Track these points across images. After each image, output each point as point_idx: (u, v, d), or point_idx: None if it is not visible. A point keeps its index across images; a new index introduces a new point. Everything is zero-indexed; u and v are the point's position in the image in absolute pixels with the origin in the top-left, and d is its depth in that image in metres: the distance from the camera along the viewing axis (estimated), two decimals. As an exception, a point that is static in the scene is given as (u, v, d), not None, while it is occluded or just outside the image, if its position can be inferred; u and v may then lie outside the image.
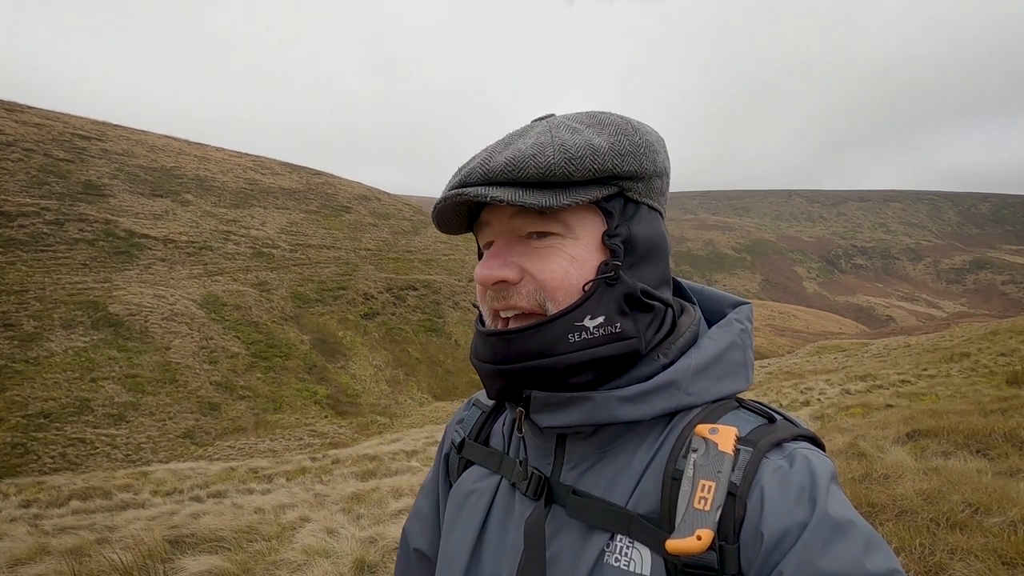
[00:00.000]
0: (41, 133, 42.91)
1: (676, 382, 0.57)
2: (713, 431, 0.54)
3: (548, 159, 0.54)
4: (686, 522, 0.49)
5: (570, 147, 0.55)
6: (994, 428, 4.33)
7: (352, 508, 5.33)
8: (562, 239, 0.57)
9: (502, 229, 0.60)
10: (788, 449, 0.54)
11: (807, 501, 0.50)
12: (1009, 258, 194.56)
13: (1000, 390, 7.41)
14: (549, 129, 0.58)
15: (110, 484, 10.10)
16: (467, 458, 0.73)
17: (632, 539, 0.54)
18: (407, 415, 30.64)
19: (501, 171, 0.55)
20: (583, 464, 0.60)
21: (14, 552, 4.02)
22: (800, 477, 0.51)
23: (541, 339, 0.55)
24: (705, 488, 0.50)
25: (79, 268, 32.28)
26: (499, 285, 0.58)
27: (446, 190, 0.59)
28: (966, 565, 2.25)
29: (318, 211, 52.23)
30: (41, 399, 23.20)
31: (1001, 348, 13.40)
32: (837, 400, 10.39)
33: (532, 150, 0.55)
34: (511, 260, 0.58)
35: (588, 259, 0.58)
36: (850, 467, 3.87)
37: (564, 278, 0.57)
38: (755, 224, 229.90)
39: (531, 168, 0.54)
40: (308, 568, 3.24)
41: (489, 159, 0.57)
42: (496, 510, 0.65)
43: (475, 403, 0.78)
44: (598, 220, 0.59)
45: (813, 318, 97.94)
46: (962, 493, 2.95)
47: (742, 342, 0.63)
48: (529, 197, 0.54)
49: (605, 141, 0.57)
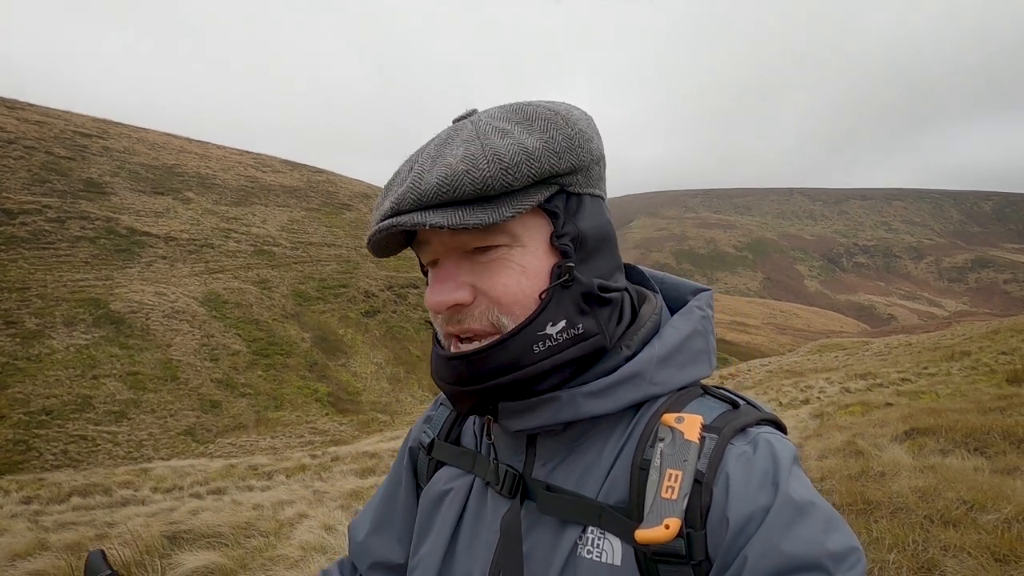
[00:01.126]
0: (42, 131, 42.97)
1: (641, 373, 0.57)
2: (679, 420, 0.54)
3: (483, 172, 0.50)
4: (654, 512, 0.50)
5: (503, 155, 0.51)
6: (992, 426, 4.33)
7: (351, 505, 5.35)
8: (509, 249, 0.55)
9: (445, 248, 0.56)
10: (752, 434, 0.55)
11: (770, 485, 0.51)
12: (1011, 257, 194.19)
13: (1000, 388, 7.40)
14: (476, 135, 0.53)
15: (111, 481, 10.14)
16: (437, 459, 0.71)
17: (603, 530, 0.54)
18: (408, 413, 30.70)
19: (435, 193, 0.51)
20: (554, 459, 0.60)
21: (14, 547, 4.04)
22: (763, 461, 0.52)
23: (506, 355, 0.54)
24: (672, 477, 0.51)
25: (81, 265, 32.34)
26: (453, 309, 0.55)
27: (378, 219, 0.55)
28: (959, 562, 2.25)
29: (319, 209, 52.27)
30: (43, 396, 23.27)
31: (1002, 347, 13.37)
32: (837, 398, 10.38)
33: (464, 164, 0.51)
34: (461, 280, 0.55)
35: (539, 265, 0.55)
36: (847, 465, 3.88)
37: (518, 291, 0.54)
38: (756, 222, 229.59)
39: (467, 185, 0.50)
40: (304, 564, 3.26)
41: (419, 180, 0.52)
42: (469, 509, 0.65)
43: (443, 403, 0.76)
44: (543, 222, 0.56)
45: (814, 316, 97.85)
46: (958, 490, 2.95)
47: (704, 328, 0.62)
48: (470, 217, 0.51)
49: (538, 140, 0.53)
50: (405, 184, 0.53)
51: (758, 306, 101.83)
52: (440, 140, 0.56)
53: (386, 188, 0.57)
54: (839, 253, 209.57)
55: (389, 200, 0.54)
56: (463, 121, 0.57)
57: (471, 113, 0.59)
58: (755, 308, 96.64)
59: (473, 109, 0.59)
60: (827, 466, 3.95)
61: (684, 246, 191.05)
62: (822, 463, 4.14)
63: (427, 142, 0.58)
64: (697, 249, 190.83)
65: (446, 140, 0.55)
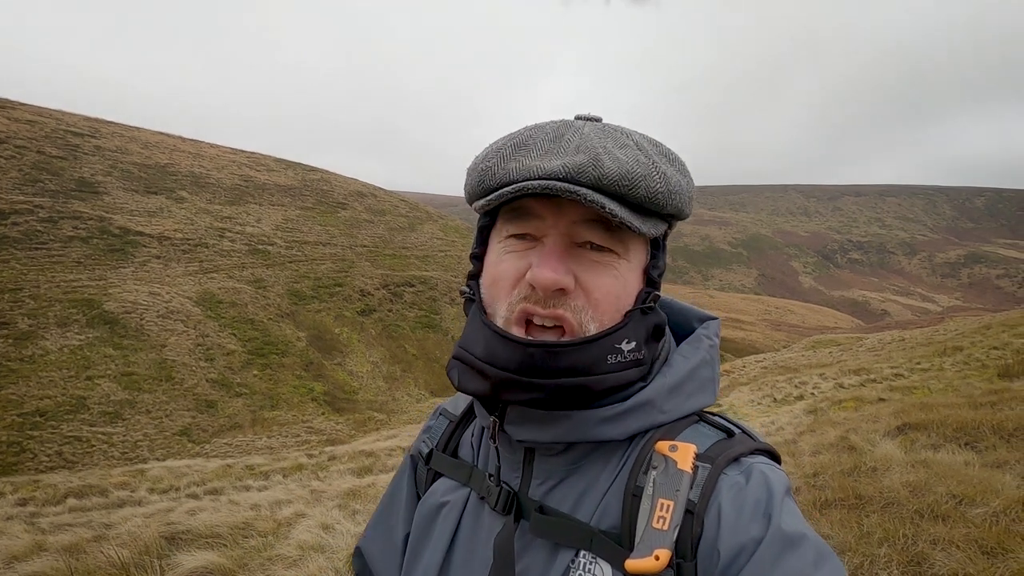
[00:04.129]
0: (34, 130, 42.60)
1: (652, 401, 0.58)
2: (672, 448, 0.54)
3: (656, 186, 0.54)
4: (644, 542, 0.50)
5: (671, 179, 0.56)
6: (983, 421, 4.38)
7: (348, 504, 5.36)
8: (618, 259, 0.57)
9: (559, 230, 0.56)
10: (745, 464, 0.55)
11: (762, 516, 0.51)
12: (1003, 252, 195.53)
13: (991, 383, 7.48)
14: (636, 146, 0.56)
15: (106, 482, 10.11)
16: (435, 469, 0.72)
17: (594, 555, 0.54)
18: (404, 411, 30.68)
19: (614, 181, 0.52)
20: (551, 480, 0.61)
21: (11, 549, 4.03)
22: (756, 492, 0.52)
23: (586, 356, 0.54)
24: (664, 507, 0.51)
25: (73, 266, 32.13)
26: (556, 292, 0.55)
27: (537, 174, 0.53)
28: (947, 555, 2.29)
29: (314, 208, 52.07)
30: (37, 397, 23.13)
31: (994, 342, 13.49)
32: (831, 394, 10.45)
33: (642, 169, 0.54)
34: (570, 267, 0.56)
35: (633, 284, 0.59)
36: (840, 460, 3.92)
37: (615, 299, 0.57)
38: (751, 219, 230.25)
39: (641, 189, 0.53)
40: (303, 563, 3.27)
41: (600, 163, 0.52)
42: (465, 524, 0.65)
43: (442, 412, 0.76)
44: (643, 248, 0.60)
45: (808, 313, 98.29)
46: (948, 485, 3.00)
47: (711, 358, 0.64)
48: (634, 218, 0.54)
49: (685, 181, 0.58)
50: (580, 157, 0.53)
51: (753, 302, 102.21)
52: (594, 131, 0.56)
53: (517, 146, 0.57)
54: (833, 249, 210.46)
55: (558, 161, 0.53)
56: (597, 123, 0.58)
57: (597, 119, 0.60)
58: (750, 304, 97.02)
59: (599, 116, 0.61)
60: (820, 462, 3.99)
61: (679, 243, 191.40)
62: (816, 459, 4.19)
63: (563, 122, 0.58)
64: (692, 246, 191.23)
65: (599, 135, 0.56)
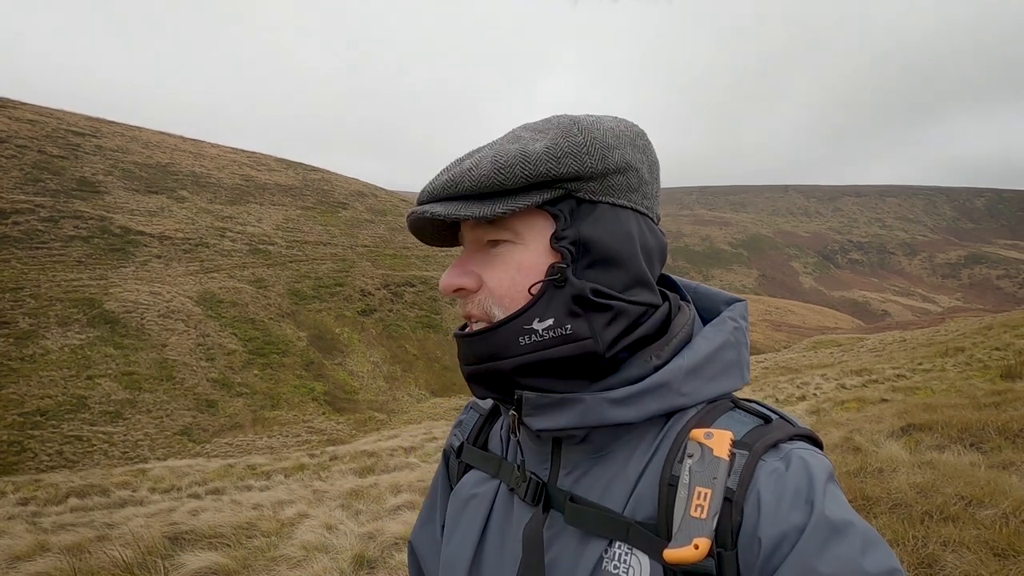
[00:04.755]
0: (35, 129, 42.64)
1: (668, 383, 0.57)
2: (708, 435, 0.53)
3: (481, 172, 0.55)
4: (683, 531, 0.49)
5: (502, 157, 0.56)
6: (987, 422, 4.36)
7: (351, 504, 5.35)
8: (512, 246, 0.59)
9: (468, 240, 0.63)
10: (784, 450, 0.53)
11: (804, 503, 0.49)
12: (1004, 253, 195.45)
13: (994, 384, 7.46)
14: (499, 141, 0.60)
15: (108, 482, 10.11)
16: (466, 462, 0.73)
17: (631, 545, 0.54)
18: (405, 411, 30.67)
19: (442, 188, 0.58)
20: (579, 469, 0.60)
21: (14, 549, 4.02)
22: (797, 479, 0.51)
23: (492, 343, 0.57)
24: (701, 495, 0.50)
25: (74, 265, 32.14)
26: (458, 292, 0.60)
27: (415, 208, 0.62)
28: (958, 557, 2.28)
29: (314, 207, 52.08)
30: (37, 397, 23.14)
31: (995, 342, 13.47)
32: (833, 395, 10.44)
33: (471, 164, 0.57)
34: (470, 268, 0.61)
35: (536, 264, 0.58)
36: (845, 461, 3.91)
37: (511, 285, 0.58)
38: (751, 219, 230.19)
39: (466, 182, 0.56)
40: (307, 564, 3.26)
41: (436, 178, 0.59)
42: (496, 515, 0.66)
43: (473, 406, 0.78)
44: (548, 224, 0.58)
45: (809, 313, 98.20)
46: (955, 486, 2.98)
47: (736, 340, 0.61)
48: (463, 209, 0.56)
49: (541, 146, 0.56)
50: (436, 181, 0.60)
51: (754, 303, 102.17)
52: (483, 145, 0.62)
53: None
54: (833, 250, 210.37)
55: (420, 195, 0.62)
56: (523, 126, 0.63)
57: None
58: (751, 305, 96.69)
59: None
60: (825, 462, 3.97)
61: (680, 243, 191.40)
62: (820, 459, 4.17)
63: None
64: (693, 246, 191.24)
65: (487, 145, 0.61)
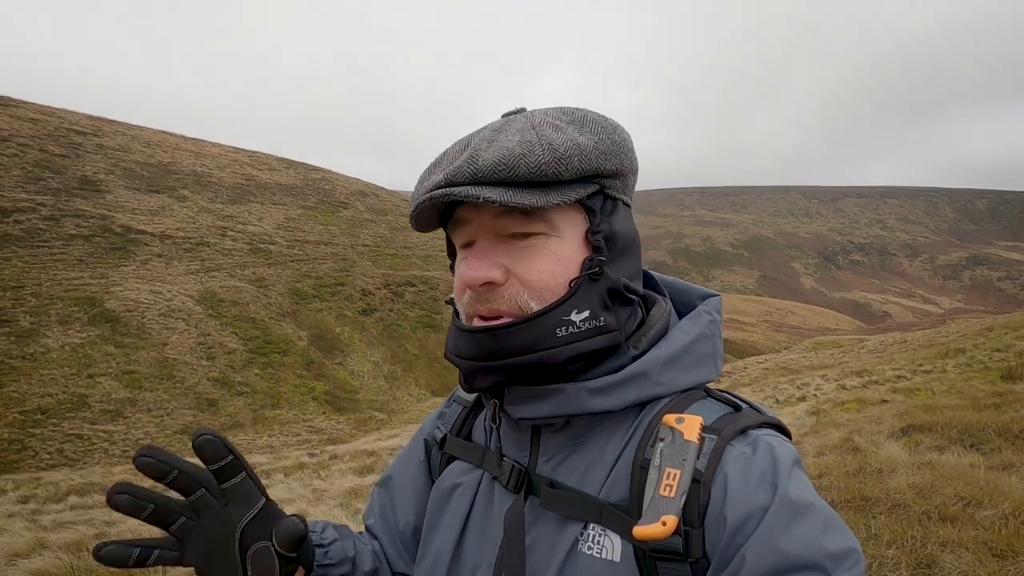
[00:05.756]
0: (36, 128, 42.71)
1: (646, 372, 0.59)
2: (679, 420, 0.55)
3: (539, 159, 0.54)
4: (652, 508, 0.51)
5: (558, 146, 0.54)
6: (988, 423, 4.36)
7: (351, 503, 5.36)
8: (547, 238, 0.58)
9: (484, 229, 0.59)
10: (752, 436, 0.55)
11: (769, 485, 0.51)
12: (1005, 254, 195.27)
13: (994, 385, 7.44)
14: (532, 126, 0.57)
15: (108, 480, 10.12)
16: (449, 454, 0.74)
17: (604, 527, 0.56)
18: (405, 411, 30.68)
19: (491, 170, 0.54)
20: (558, 456, 0.62)
21: (13, 547, 4.03)
22: (763, 463, 0.53)
23: (531, 334, 0.56)
24: (671, 476, 0.52)
25: (75, 264, 32.18)
26: (485, 287, 0.58)
27: (427, 188, 0.57)
28: (957, 557, 2.28)
29: (315, 207, 52.12)
30: (38, 395, 23.18)
31: (996, 344, 13.45)
32: (833, 395, 10.42)
33: (521, 148, 0.54)
34: (497, 260, 0.58)
35: (572, 257, 0.58)
36: (845, 461, 3.90)
37: (551, 277, 0.57)
38: (753, 220, 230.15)
39: (522, 168, 0.53)
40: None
41: (476, 157, 0.55)
42: (479, 502, 0.67)
43: (455, 399, 0.78)
44: (580, 218, 0.59)
45: (810, 314, 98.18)
46: (955, 487, 2.98)
47: (711, 333, 0.64)
48: (520, 197, 0.53)
49: (589, 140, 0.57)
50: (460, 159, 0.56)
51: (754, 303, 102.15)
52: (494, 128, 0.59)
53: (433, 164, 0.61)
54: (834, 251, 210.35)
55: (442, 173, 0.57)
56: (515, 115, 0.61)
57: (520, 110, 0.62)
58: (751, 306, 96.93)
59: (522, 107, 0.63)
60: (825, 463, 3.97)
61: (680, 244, 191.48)
62: (820, 460, 4.17)
63: (478, 129, 0.61)
64: (693, 247, 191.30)
65: (500, 128, 0.58)
